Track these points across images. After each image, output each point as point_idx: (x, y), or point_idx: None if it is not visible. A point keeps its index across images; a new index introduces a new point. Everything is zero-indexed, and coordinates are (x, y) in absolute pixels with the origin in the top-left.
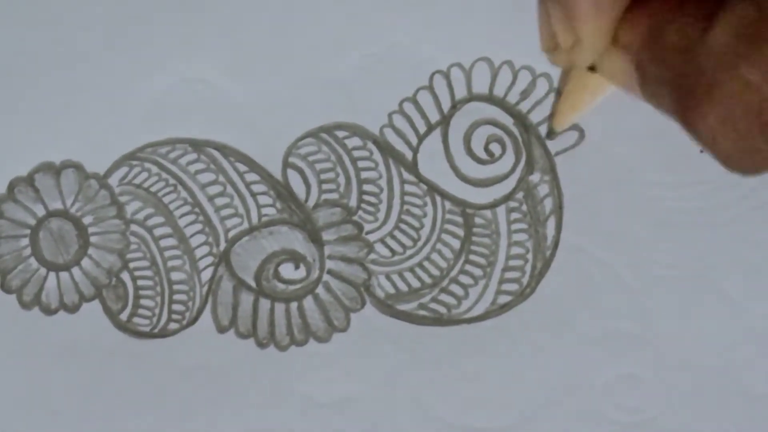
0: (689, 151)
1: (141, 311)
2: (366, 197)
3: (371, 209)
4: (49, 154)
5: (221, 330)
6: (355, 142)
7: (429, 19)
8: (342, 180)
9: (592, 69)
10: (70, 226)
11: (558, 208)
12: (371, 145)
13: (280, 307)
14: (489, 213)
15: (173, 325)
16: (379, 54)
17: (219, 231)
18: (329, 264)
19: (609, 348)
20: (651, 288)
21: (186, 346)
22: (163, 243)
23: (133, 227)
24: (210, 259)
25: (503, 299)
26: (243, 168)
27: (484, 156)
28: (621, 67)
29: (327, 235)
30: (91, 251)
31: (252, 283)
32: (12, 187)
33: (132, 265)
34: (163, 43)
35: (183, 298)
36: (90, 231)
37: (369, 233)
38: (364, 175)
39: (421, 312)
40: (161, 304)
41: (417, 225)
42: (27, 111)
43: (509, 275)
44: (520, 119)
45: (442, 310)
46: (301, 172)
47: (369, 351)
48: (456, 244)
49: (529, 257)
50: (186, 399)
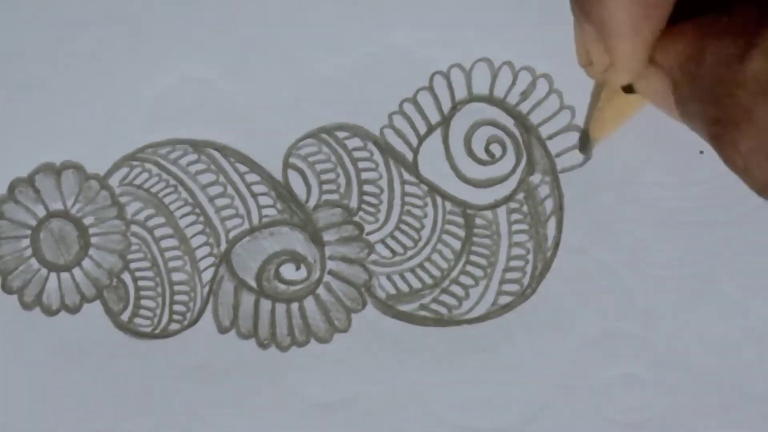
0: (689, 151)
1: (142, 312)
2: (367, 198)
3: (372, 210)
4: (50, 154)
5: (222, 331)
6: (356, 142)
7: (429, 19)
8: (342, 181)
9: (627, 89)
10: (70, 226)
11: (558, 208)
12: (372, 146)
13: (281, 308)
14: (490, 214)
15: (174, 326)
16: (379, 54)
17: (220, 232)
18: (330, 265)
19: (609, 348)
20: (651, 288)
21: (187, 346)
22: (164, 244)
23: (134, 228)
24: (211, 260)
25: (504, 300)
26: (243, 169)
27: (484, 157)
28: (658, 87)
29: (328, 236)
30: (92, 252)
31: (253, 284)
32: (13, 188)
33: (133, 266)
34: (163, 43)
35: (184, 298)
36: (91, 232)
37: (370, 234)
38: (364, 176)
39: (422, 312)
40: (162, 304)
41: (418, 226)
42: (27, 111)
43: (510, 276)
44: (520, 120)
45: (442, 310)
46: (302, 172)
47: (370, 351)
48: (457, 244)
49: (530, 258)
50: (187, 400)
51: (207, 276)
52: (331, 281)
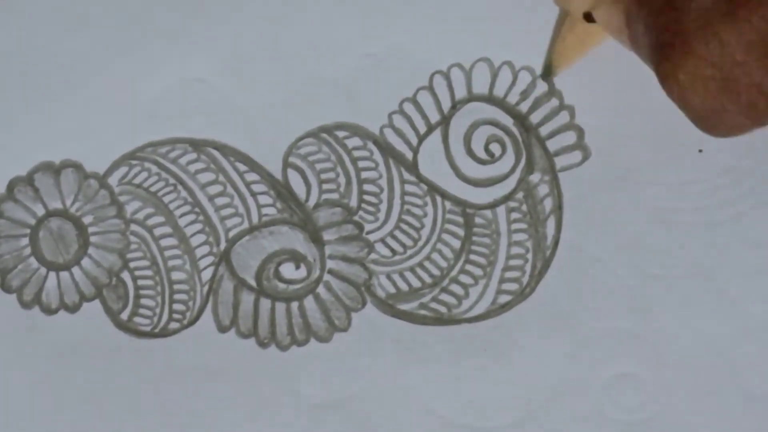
0: (689, 151)
1: (141, 311)
2: (366, 197)
3: (372, 209)
4: (49, 153)
5: (222, 330)
6: (356, 142)
7: (429, 19)
8: (342, 180)
9: (588, 18)
10: (70, 225)
11: (558, 208)
12: (371, 145)
13: (281, 307)
14: (489, 213)
15: (174, 325)
16: (379, 54)
17: (219, 231)
18: (330, 264)
19: (609, 347)
20: (650, 288)
21: (187, 345)
22: (164, 242)
23: (133, 227)
24: (210, 259)
25: (503, 299)
26: (243, 168)
27: (484, 156)
28: (613, 15)
29: (327, 235)
30: (91, 251)
31: (253, 283)
32: (12, 187)
33: (132, 265)
34: (163, 43)
35: (184, 297)
36: (90, 230)
37: (369, 233)
38: (364, 175)
39: (422, 311)
40: (162, 303)
41: (417, 225)
42: (27, 111)
43: (509, 275)
44: (520, 119)
45: (442, 309)
46: (302, 172)
47: (370, 350)
48: (456, 243)
49: (529, 257)
50: (187, 398)
51: (207, 275)
52: (331, 280)
